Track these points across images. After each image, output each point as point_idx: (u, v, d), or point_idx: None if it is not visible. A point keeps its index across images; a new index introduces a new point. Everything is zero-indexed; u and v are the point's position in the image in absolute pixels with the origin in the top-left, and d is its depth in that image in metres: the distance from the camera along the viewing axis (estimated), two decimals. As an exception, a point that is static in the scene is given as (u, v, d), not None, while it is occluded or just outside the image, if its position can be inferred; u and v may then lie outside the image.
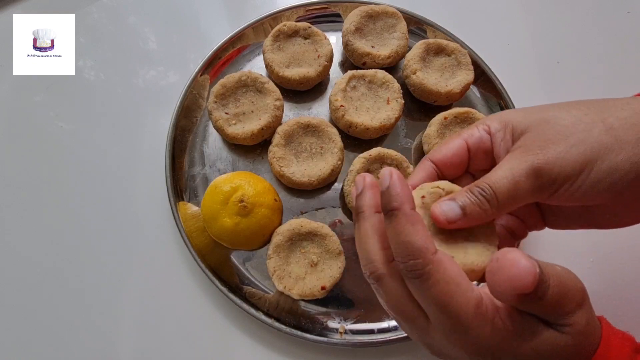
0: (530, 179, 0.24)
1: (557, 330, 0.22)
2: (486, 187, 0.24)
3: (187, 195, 0.44)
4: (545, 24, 0.57)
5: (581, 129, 0.24)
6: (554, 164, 0.24)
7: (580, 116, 0.25)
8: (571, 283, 0.22)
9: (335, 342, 0.38)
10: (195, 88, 0.48)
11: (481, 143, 0.28)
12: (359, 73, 0.45)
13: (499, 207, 0.24)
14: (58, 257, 0.43)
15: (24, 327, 0.40)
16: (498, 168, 0.25)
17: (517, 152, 0.25)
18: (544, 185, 0.24)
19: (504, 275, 0.20)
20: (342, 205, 0.44)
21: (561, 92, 0.53)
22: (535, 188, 0.24)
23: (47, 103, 0.50)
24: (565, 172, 0.24)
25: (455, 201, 0.25)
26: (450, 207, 0.25)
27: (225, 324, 0.41)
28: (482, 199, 0.24)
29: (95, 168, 0.47)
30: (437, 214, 0.25)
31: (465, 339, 0.22)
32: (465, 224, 0.25)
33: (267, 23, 0.51)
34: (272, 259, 0.38)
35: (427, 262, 0.22)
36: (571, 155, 0.24)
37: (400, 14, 0.49)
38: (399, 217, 0.22)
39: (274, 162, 0.42)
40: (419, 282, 0.22)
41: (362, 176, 0.27)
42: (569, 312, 0.22)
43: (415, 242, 0.22)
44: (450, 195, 0.26)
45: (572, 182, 0.24)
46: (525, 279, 0.20)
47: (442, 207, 0.25)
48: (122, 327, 0.41)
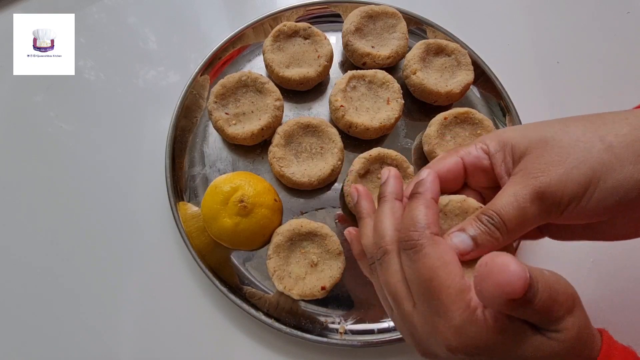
0: (536, 204, 0.24)
1: (544, 336, 0.22)
2: (494, 215, 0.24)
3: (187, 196, 0.44)
4: (545, 24, 0.57)
5: (581, 149, 0.24)
6: (556, 187, 0.24)
7: (579, 135, 0.25)
8: (561, 288, 0.22)
9: (335, 342, 0.38)
10: (195, 88, 0.48)
11: (478, 162, 0.28)
12: (359, 73, 0.45)
13: (508, 234, 0.24)
14: (58, 257, 0.43)
15: (23, 327, 0.40)
16: (502, 194, 0.25)
17: (518, 176, 0.25)
18: (550, 208, 0.24)
19: (493, 279, 0.20)
20: (342, 206, 0.44)
21: (561, 92, 0.53)
22: (542, 212, 0.24)
23: (47, 103, 0.50)
24: (568, 193, 0.24)
25: (465, 232, 0.25)
26: (461, 239, 0.25)
27: (225, 324, 0.41)
28: (492, 228, 0.24)
29: (95, 168, 0.47)
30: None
31: (443, 324, 0.22)
32: (478, 254, 0.24)
33: (267, 23, 0.51)
34: (272, 259, 0.38)
35: (424, 235, 0.23)
36: (573, 176, 0.24)
37: (400, 14, 0.49)
38: (419, 198, 0.25)
39: (274, 162, 0.42)
40: (412, 253, 0.23)
41: (388, 169, 0.29)
42: (559, 318, 0.22)
43: (420, 219, 0.24)
44: (458, 226, 0.26)
45: (578, 202, 0.24)
46: (516, 284, 0.19)
47: (453, 240, 0.25)
48: (122, 327, 0.41)
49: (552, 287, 0.21)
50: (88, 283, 0.42)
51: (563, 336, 0.22)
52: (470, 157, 0.29)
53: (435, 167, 0.29)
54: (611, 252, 0.43)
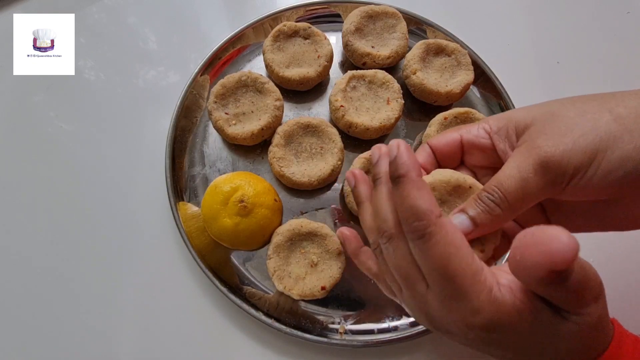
0: (539, 174, 0.23)
1: (564, 318, 0.22)
2: (494, 190, 0.24)
3: (187, 196, 0.44)
4: (545, 24, 0.57)
5: (588, 119, 0.23)
6: (561, 156, 0.23)
7: (586, 107, 0.24)
8: (592, 275, 0.21)
9: (335, 342, 0.38)
10: (195, 88, 0.48)
11: (476, 140, 0.28)
12: (359, 73, 0.45)
13: (510, 209, 0.24)
14: (58, 257, 0.43)
15: (23, 327, 0.40)
16: (505, 167, 0.24)
17: (522, 147, 0.25)
18: (554, 179, 0.23)
19: (540, 248, 0.19)
20: (342, 206, 0.44)
21: (561, 92, 0.53)
22: (546, 183, 0.23)
23: (47, 103, 0.50)
24: (574, 163, 0.23)
25: (465, 213, 0.25)
26: (460, 220, 0.24)
27: (225, 324, 0.41)
28: (492, 205, 0.24)
29: (95, 168, 0.47)
30: None
31: (460, 306, 0.22)
32: (479, 234, 0.24)
33: (267, 23, 0.51)
34: (272, 259, 0.38)
35: (430, 223, 0.22)
36: (579, 145, 0.23)
37: (400, 14, 0.49)
38: (405, 182, 0.23)
39: (274, 162, 0.42)
40: (421, 243, 0.23)
41: (378, 147, 0.28)
42: (586, 303, 0.21)
43: (420, 205, 0.22)
44: (460, 207, 0.25)
45: (583, 173, 0.23)
46: (567, 253, 0.18)
47: (453, 222, 0.24)
48: (122, 327, 0.41)
49: (586, 271, 0.21)
50: (88, 283, 0.42)
51: (583, 320, 0.22)
52: (469, 134, 0.28)
53: (433, 141, 0.30)
54: (612, 252, 0.43)
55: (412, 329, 0.39)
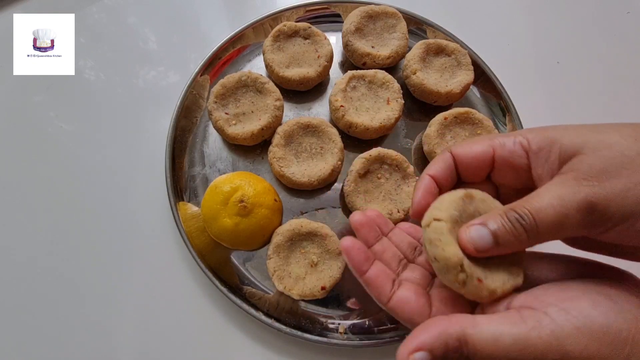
0: (581, 213, 0.21)
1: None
2: (526, 215, 0.21)
3: (187, 196, 0.44)
4: (545, 24, 0.57)
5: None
6: (612, 201, 0.20)
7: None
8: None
9: (335, 342, 0.38)
10: (195, 88, 0.48)
11: (511, 157, 0.25)
12: (359, 73, 0.45)
13: (537, 238, 0.22)
14: (58, 257, 0.43)
15: (23, 327, 0.40)
16: (543, 193, 0.22)
17: (568, 177, 0.22)
18: (596, 223, 0.21)
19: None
20: (342, 206, 0.44)
21: (561, 92, 0.53)
22: (585, 224, 0.21)
23: (47, 103, 0.50)
24: (624, 212, 0.20)
25: (486, 227, 0.22)
26: (481, 234, 0.22)
27: (225, 324, 0.41)
28: (519, 228, 0.22)
29: (95, 168, 0.47)
30: (465, 241, 0.23)
31: None
32: (496, 253, 0.23)
33: (267, 23, 0.51)
34: (272, 259, 0.38)
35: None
36: (634, 194, 0.20)
37: (400, 14, 0.49)
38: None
39: (274, 162, 0.42)
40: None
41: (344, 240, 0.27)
42: None
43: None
44: (481, 218, 0.23)
45: (631, 224, 0.20)
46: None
47: (470, 234, 0.23)
48: (122, 327, 0.41)
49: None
50: (88, 283, 0.42)
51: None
52: (503, 150, 0.25)
53: (458, 149, 0.26)
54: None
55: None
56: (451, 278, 0.23)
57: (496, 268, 0.23)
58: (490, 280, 0.23)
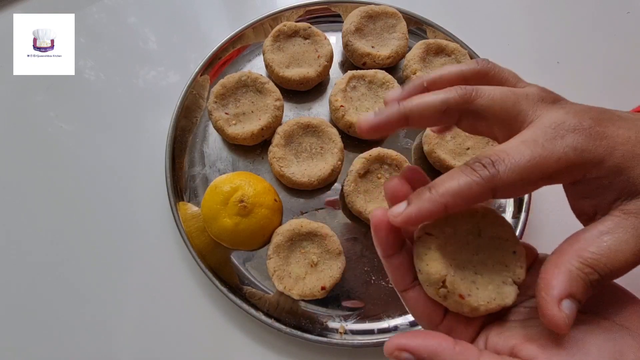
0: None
1: None
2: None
3: (187, 196, 0.44)
4: (545, 24, 0.57)
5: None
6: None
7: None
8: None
9: (335, 342, 0.38)
10: (195, 88, 0.48)
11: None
12: (359, 73, 0.45)
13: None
14: (58, 257, 0.43)
15: (23, 327, 0.40)
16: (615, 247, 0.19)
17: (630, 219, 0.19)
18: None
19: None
20: (342, 206, 0.44)
21: (561, 92, 0.52)
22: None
23: (47, 103, 0.50)
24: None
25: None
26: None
27: (225, 324, 0.41)
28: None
29: (95, 168, 0.47)
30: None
31: None
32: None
33: (267, 23, 0.51)
34: (272, 259, 0.38)
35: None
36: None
37: (400, 14, 0.49)
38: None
39: (274, 162, 0.42)
40: None
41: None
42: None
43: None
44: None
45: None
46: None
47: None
48: (122, 327, 0.41)
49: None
50: (88, 283, 0.42)
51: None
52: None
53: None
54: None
55: (412, 328, 0.39)
56: (432, 291, 0.23)
57: (486, 284, 0.23)
58: (474, 298, 0.22)
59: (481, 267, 0.24)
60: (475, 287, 0.23)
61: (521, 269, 0.24)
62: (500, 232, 0.24)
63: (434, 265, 0.23)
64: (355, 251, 0.42)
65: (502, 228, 0.24)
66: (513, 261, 0.24)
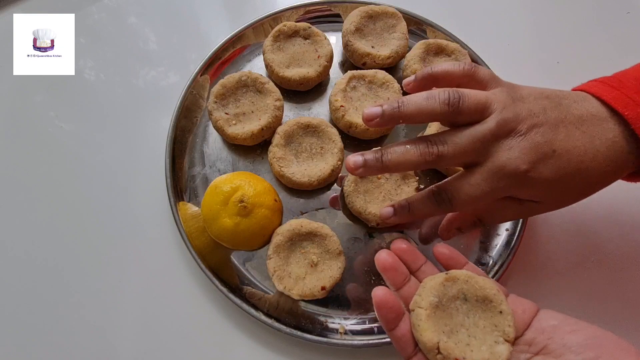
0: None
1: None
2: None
3: (187, 196, 0.44)
4: (545, 24, 0.57)
5: None
6: None
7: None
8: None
9: (335, 342, 0.38)
10: (195, 88, 0.48)
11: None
12: (359, 73, 0.45)
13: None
14: (58, 257, 0.43)
15: (22, 327, 0.40)
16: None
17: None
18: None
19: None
20: (342, 206, 0.44)
21: (561, 92, 0.53)
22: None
23: (47, 103, 0.50)
24: None
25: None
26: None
27: (225, 324, 0.41)
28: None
29: (95, 168, 0.47)
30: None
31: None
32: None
33: (267, 23, 0.51)
34: (272, 259, 0.38)
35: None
36: None
37: (400, 14, 0.49)
38: None
39: (274, 162, 0.42)
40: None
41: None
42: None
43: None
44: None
45: None
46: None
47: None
48: (122, 327, 0.41)
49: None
50: (88, 283, 0.42)
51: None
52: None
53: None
54: (613, 250, 0.43)
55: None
56: (431, 357, 0.27)
57: (479, 346, 0.26)
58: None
59: (474, 329, 0.27)
60: (470, 350, 0.26)
61: (510, 327, 0.27)
62: (484, 294, 0.28)
63: (426, 335, 0.26)
64: (355, 251, 0.42)
65: (485, 290, 0.28)
66: (501, 320, 0.27)
